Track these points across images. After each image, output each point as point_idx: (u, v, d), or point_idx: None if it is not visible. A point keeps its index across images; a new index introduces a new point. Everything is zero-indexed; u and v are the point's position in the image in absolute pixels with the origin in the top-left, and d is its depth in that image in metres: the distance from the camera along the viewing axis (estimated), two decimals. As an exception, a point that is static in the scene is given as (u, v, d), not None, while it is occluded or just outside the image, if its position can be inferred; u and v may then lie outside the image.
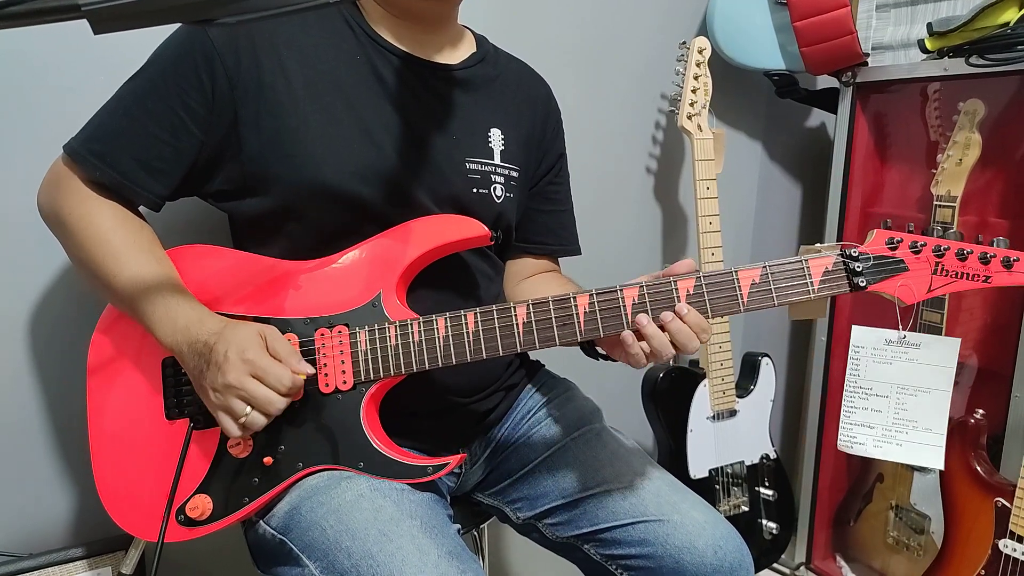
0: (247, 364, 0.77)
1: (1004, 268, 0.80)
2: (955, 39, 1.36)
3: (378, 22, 0.93)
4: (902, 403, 0.87)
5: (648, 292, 0.82)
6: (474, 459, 1.05)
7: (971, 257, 0.81)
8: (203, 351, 0.79)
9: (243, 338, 0.78)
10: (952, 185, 1.39)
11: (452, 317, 0.85)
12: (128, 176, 0.85)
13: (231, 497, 0.85)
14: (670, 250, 1.78)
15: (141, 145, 0.85)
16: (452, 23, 0.99)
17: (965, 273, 0.81)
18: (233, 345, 0.77)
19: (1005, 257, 0.80)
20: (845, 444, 0.91)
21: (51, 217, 0.88)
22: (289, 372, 0.79)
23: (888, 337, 0.88)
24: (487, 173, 0.97)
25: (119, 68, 0.88)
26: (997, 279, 0.80)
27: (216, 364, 0.77)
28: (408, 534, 0.77)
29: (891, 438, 0.88)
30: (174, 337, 0.81)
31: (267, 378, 0.77)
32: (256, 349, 0.78)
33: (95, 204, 0.85)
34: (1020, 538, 1.21)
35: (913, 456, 0.86)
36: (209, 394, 0.79)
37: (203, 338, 0.79)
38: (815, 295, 0.82)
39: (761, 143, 1.89)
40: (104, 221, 0.84)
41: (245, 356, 0.77)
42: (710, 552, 0.89)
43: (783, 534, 1.70)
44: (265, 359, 0.78)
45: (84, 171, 0.85)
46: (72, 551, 1.07)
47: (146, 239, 0.86)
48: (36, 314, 1.08)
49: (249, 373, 0.77)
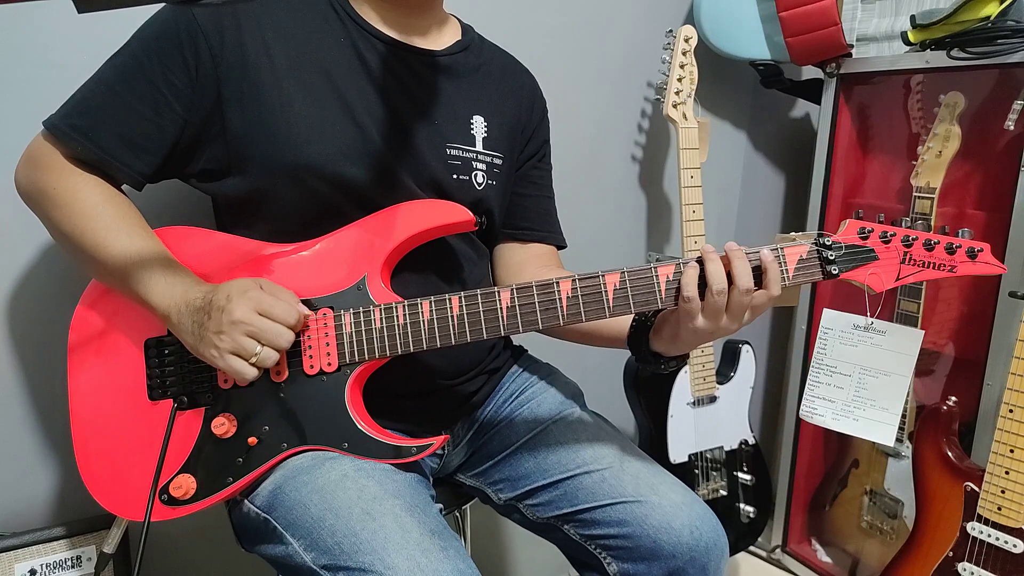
0: (251, 300, 0.78)
1: (968, 258, 0.83)
2: (937, 32, 1.37)
3: (363, 5, 0.93)
4: (863, 383, 0.91)
5: (629, 278, 0.84)
6: (457, 441, 1.06)
7: (938, 247, 0.83)
8: (202, 305, 0.79)
9: (241, 283, 0.80)
10: (932, 177, 1.42)
11: (437, 301, 0.85)
12: (110, 152, 0.84)
13: (215, 477, 0.85)
14: (654, 238, 1.79)
15: (123, 121, 0.84)
16: (438, 8, 0.99)
17: (932, 263, 0.84)
18: (234, 287, 0.79)
19: (970, 248, 0.83)
20: (806, 413, 0.94)
21: (33, 193, 0.87)
22: (294, 306, 0.80)
23: (856, 322, 0.91)
24: (468, 160, 0.98)
25: (102, 46, 0.87)
26: (962, 268, 0.83)
27: (219, 307, 0.78)
28: (391, 513, 0.78)
29: (849, 413, 0.92)
30: (172, 300, 0.81)
31: (274, 311, 0.79)
32: (256, 289, 0.79)
33: (80, 178, 0.85)
34: (987, 521, 1.25)
35: (867, 431, 0.90)
36: (214, 340, 0.78)
37: (200, 294, 0.80)
38: (789, 282, 0.84)
39: (746, 133, 1.90)
40: (91, 195, 0.84)
41: (248, 294, 0.78)
42: (686, 532, 0.91)
43: (760, 518, 1.73)
44: (268, 297, 0.79)
45: (65, 147, 0.85)
46: (54, 530, 1.07)
47: (134, 214, 0.86)
48: (16, 292, 1.07)
49: (254, 309, 0.78)
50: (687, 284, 0.82)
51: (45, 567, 1.06)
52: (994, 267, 0.83)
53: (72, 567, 1.08)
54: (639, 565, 0.92)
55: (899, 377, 0.88)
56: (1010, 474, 1.20)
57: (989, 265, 0.83)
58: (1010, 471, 1.20)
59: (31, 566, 1.05)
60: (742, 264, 0.81)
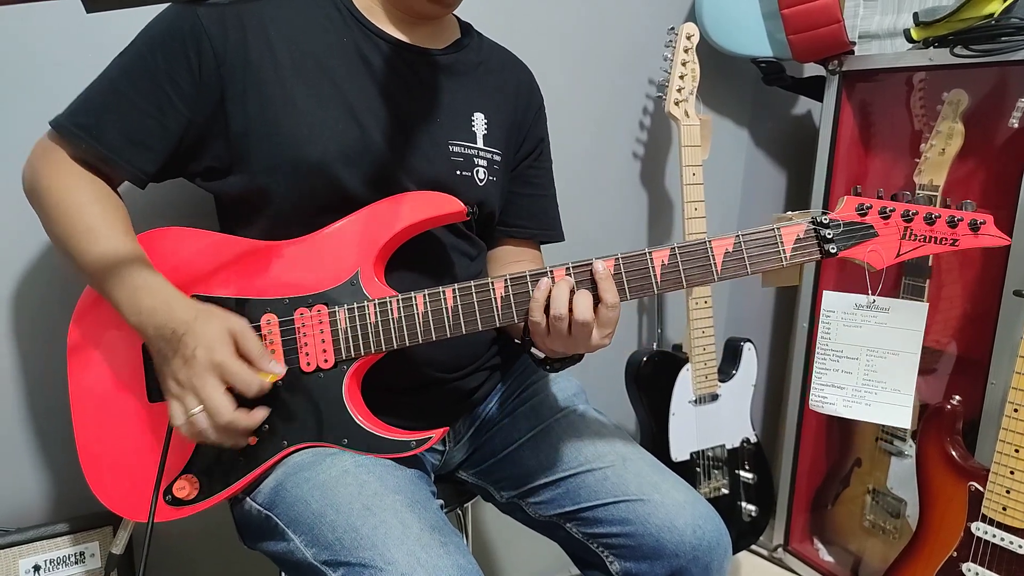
0: (215, 367, 0.77)
1: (971, 231, 0.80)
2: (940, 29, 1.37)
3: (365, 5, 0.94)
4: (872, 365, 0.88)
5: (624, 263, 0.83)
6: (458, 438, 1.06)
7: (939, 221, 0.81)
8: (171, 339, 0.78)
9: (213, 336, 0.78)
10: (935, 174, 1.41)
11: (431, 294, 0.85)
12: (114, 149, 0.84)
13: (217, 476, 0.85)
14: (655, 235, 1.79)
15: (128, 119, 0.84)
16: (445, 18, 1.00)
17: (933, 237, 0.81)
18: (203, 342, 0.77)
19: (972, 220, 0.80)
20: (816, 404, 0.91)
21: (31, 191, 0.87)
22: (258, 378, 0.79)
23: (858, 301, 0.88)
24: (470, 156, 0.98)
25: (108, 45, 0.88)
26: (964, 241, 0.81)
27: (183, 357, 0.77)
28: (391, 508, 0.78)
29: (860, 398, 0.89)
30: (139, 318, 0.80)
31: (235, 382, 0.77)
32: (225, 350, 0.78)
33: (75, 178, 0.85)
34: (992, 521, 1.24)
35: (882, 415, 0.87)
36: (168, 381, 0.79)
37: (171, 326, 0.78)
38: (787, 263, 0.83)
39: (747, 130, 1.90)
40: (80, 195, 0.84)
41: (214, 357, 0.77)
42: (689, 531, 0.90)
43: (762, 517, 1.73)
44: (235, 363, 0.78)
45: (70, 145, 0.85)
46: (58, 526, 1.07)
47: (120, 219, 0.86)
48: (19, 292, 1.07)
49: (217, 376, 0.77)
50: (534, 307, 0.82)
51: (49, 563, 1.06)
52: (997, 239, 0.80)
53: (76, 563, 1.08)
54: (642, 564, 0.92)
55: (908, 355, 0.85)
56: (1015, 474, 1.20)
57: (992, 237, 0.80)
58: (1015, 471, 1.20)
59: (35, 562, 1.06)
60: (582, 298, 0.81)
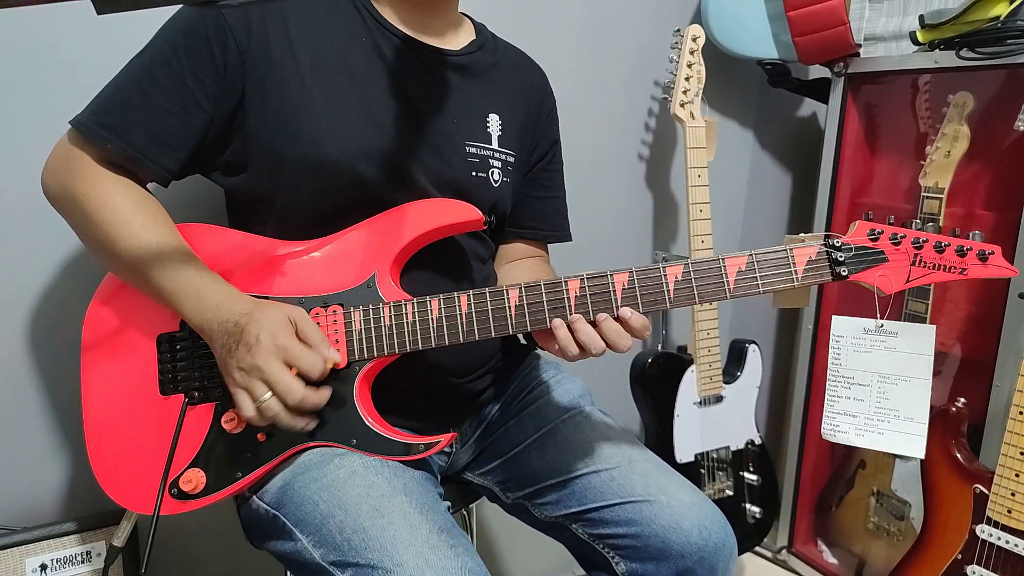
0: (280, 350, 0.78)
1: (980, 261, 0.82)
2: (946, 32, 1.37)
3: (383, 5, 0.94)
4: (884, 392, 0.88)
5: (638, 277, 0.84)
6: (465, 439, 1.06)
7: (948, 250, 0.83)
8: (233, 331, 0.79)
9: (275, 320, 0.79)
10: (940, 177, 1.41)
11: (446, 299, 0.85)
12: (139, 149, 0.84)
13: (224, 471, 0.85)
14: (660, 237, 1.79)
15: (152, 118, 0.84)
16: (453, 9, 1.00)
17: (942, 265, 0.83)
18: (265, 328, 0.78)
19: (981, 250, 0.82)
20: (828, 432, 0.91)
21: (62, 199, 0.86)
22: (321, 360, 0.80)
23: (866, 326, 0.89)
24: (485, 157, 0.98)
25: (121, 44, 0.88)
26: (973, 271, 0.82)
27: (247, 345, 0.78)
28: (399, 510, 0.78)
29: (873, 427, 0.89)
30: (203, 316, 0.81)
31: (300, 364, 0.78)
32: (287, 334, 0.79)
33: (111, 184, 0.84)
34: (996, 524, 1.24)
35: (895, 445, 0.87)
36: (234, 372, 0.79)
37: (234, 318, 0.80)
38: (799, 283, 0.84)
39: (752, 132, 1.90)
40: (123, 202, 0.84)
41: (278, 341, 0.78)
42: (695, 532, 0.91)
43: (766, 518, 1.73)
44: (298, 345, 0.79)
45: (94, 146, 0.85)
46: (64, 525, 1.08)
47: (163, 221, 0.86)
48: (31, 289, 1.08)
49: (281, 359, 0.78)
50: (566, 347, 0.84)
51: (56, 562, 1.07)
52: (1005, 270, 0.82)
53: (82, 562, 1.09)
54: (647, 565, 0.92)
55: (919, 381, 0.86)
56: (1020, 476, 1.20)
57: (1000, 268, 0.82)
58: (1020, 473, 1.20)
59: (42, 560, 1.06)
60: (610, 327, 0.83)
